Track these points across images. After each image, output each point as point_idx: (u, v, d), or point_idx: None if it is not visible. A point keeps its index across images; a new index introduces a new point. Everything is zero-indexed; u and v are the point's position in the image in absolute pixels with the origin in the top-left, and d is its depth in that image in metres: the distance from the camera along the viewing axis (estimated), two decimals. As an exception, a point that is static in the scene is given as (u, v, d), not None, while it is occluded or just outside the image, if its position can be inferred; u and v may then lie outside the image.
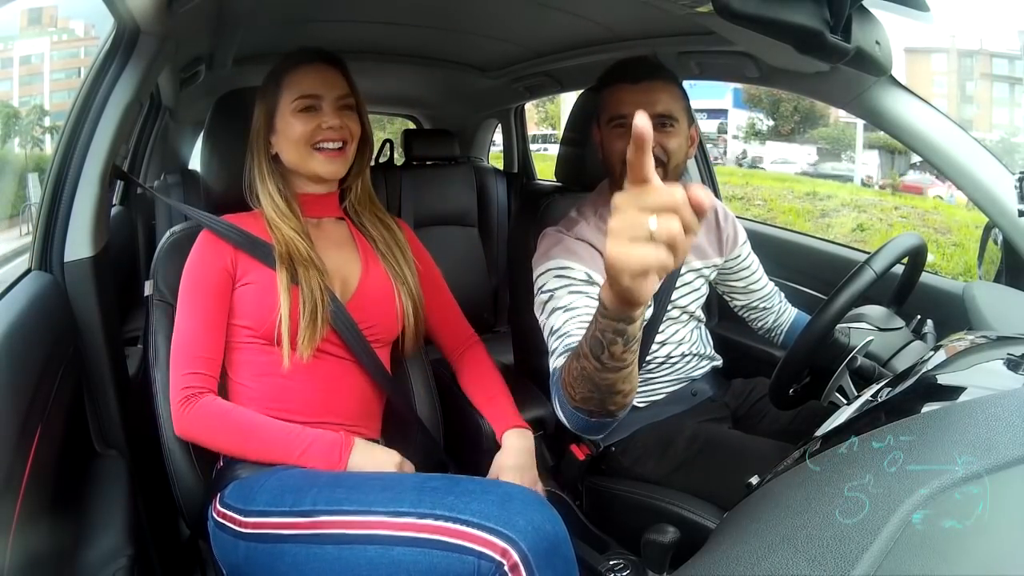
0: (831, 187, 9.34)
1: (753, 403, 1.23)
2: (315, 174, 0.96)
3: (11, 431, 0.65)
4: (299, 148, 0.94)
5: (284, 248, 0.92)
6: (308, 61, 0.95)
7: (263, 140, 0.96)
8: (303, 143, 0.94)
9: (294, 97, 0.94)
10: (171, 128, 2.28)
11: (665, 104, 0.98)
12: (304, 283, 0.90)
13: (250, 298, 0.92)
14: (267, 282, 0.91)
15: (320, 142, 0.94)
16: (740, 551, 0.43)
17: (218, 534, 0.84)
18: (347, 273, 0.98)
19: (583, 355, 0.70)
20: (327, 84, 0.95)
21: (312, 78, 0.95)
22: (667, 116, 0.98)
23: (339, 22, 1.53)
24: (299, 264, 0.92)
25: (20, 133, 2.70)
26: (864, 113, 1.12)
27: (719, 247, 1.21)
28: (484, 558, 0.70)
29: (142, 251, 2.04)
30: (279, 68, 0.96)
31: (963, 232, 6.57)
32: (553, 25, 1.51)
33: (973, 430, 0.45)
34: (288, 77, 0.95)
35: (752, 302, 1.28)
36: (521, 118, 2.59)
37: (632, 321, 0.62)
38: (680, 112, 1.00)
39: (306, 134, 0.93)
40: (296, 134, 0.94)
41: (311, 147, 0.94)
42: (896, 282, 1.11)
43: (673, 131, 0.99)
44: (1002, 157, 1.07)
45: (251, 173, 0.97)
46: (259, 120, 0.96)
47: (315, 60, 0.96)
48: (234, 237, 0.93)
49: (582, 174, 1.27)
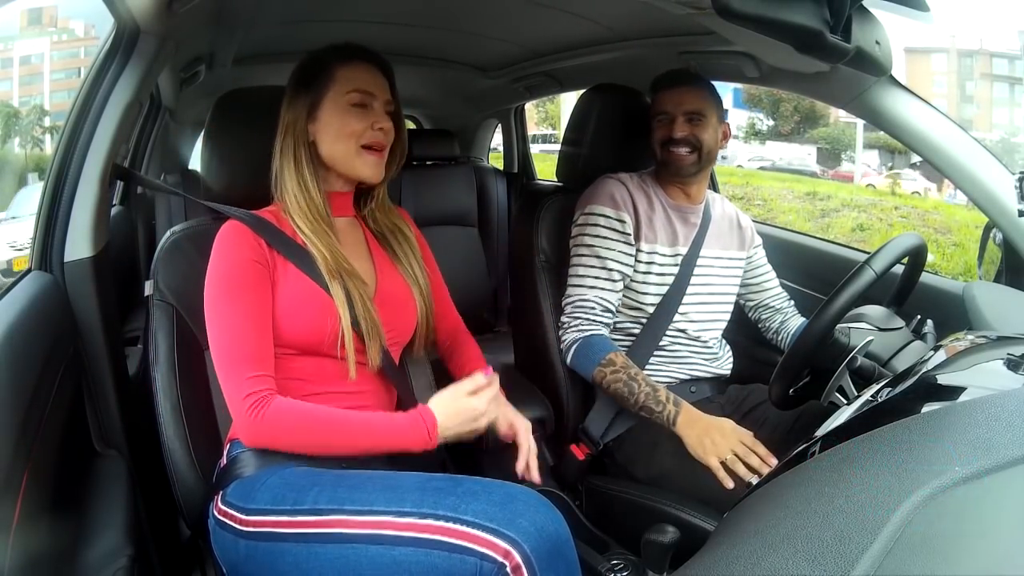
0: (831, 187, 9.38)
1: (750, 409, 1.23)
2: (356, 174, 0.94)
3: (11, 431, 0.65)
4: (347, 144, 0.92)
5: (331, 261, 0.89)
6: (363, 58, 0.94)
7: (301, 127, 0.92)
8: (352, 139, 0.92)
9: (348, 89, 0.91)
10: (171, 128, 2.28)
11: (693, 103, 1.19)
12: (358, 300, 0.89)
13: (291, 306, 0.88)
14: (307, 290, 0.88)
15: (369, 142, 0.92)
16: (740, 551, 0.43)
17: (219, 533, 0.84)
18: (365, 277, 0.96)
19: (626, 392, 1.11)
20: (379, 85, 0.94)
21: (367, 75, 0.93)
22: (696, 112, 1.19)
23: (339, 22, 1.53)
24: (348, 277, 0.89)
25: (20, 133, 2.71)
26: (864, 113, 1.13)
27: (741, 243, 1.31)
28: (486, 559, 0.70)
29: (142, 251, 2.04)
30: (328, 57, 0.93)
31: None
32: (553, 25, 1.51)
33: (973, 430, 0.45)
34: (342, 68, 0.92)
35: (764, 300, 1.36)
36: (521, 118, 2.59)
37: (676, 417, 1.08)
38: (710, 109, 1.20)
39: (358, 131, 0.91)
40: (348, 129, 0.91)
41: (359, 145, 0.92)
42: (896, 282, 1.11)
43: (702, 124, 1.19)
44: (1002, 157, 1.07)
45: (281, 161, 0.92)
46: (299, 106, 0.92)
47: (370, 59, 0.95)
48: (268, 235, 0.89)
49: (583, 174, 1.27)
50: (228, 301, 0.85)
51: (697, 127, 1.19)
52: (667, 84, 1.22)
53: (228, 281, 0.86)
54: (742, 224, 1.32)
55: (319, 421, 0.84)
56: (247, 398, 0.82)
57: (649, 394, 1.09)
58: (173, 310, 0.94)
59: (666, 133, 1.19)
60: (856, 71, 1.01)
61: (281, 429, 0.83)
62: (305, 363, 0.90)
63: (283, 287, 0.88)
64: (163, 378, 0.92)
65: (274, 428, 0.82)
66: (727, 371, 1.28)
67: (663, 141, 1.19)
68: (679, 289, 1.21)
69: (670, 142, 1.18)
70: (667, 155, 1.19)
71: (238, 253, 0.87)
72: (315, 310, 0.87)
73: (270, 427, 0.82)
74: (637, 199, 1.21)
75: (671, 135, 1.18)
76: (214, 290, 0.86)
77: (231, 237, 0.88)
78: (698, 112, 1.18)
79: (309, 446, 0.84)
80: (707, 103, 1.20)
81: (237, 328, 0.84)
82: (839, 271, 1.04)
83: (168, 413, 0.91)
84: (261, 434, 0.83)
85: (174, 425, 0.91)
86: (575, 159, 1.29)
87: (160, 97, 1.86)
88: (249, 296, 0.85)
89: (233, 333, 0.84)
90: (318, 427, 0.84)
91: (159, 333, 0.94)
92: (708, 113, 1.19)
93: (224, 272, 0.86)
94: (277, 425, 0.82)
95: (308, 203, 0.91)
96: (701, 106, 1.19)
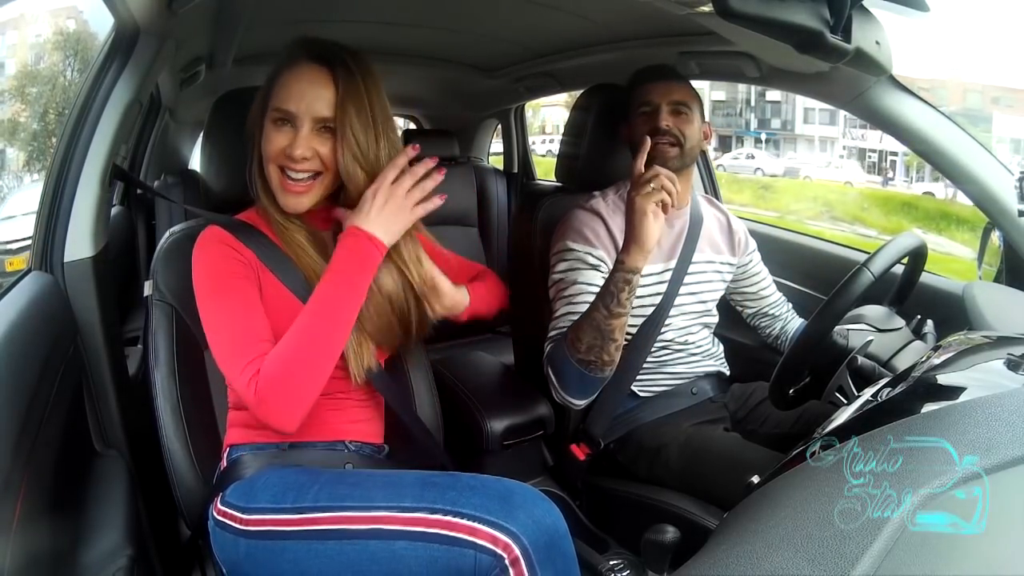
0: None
1: (753, 407, 1.23)
2: (281, 203, 0.85)
3: (11, 431, 0.65)
4: (270, 167, 0.84)
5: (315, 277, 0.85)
6: (306, 58, 0.83)
7: (256, 136, 0.86)
8: (270, 162, 0.83)
9: (275, 104, 0.82)
10: (171, 128, 2.28)
11: (681, 95, 1.16)
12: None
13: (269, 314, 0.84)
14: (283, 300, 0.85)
15: (288, 167, 0.83)
16: (740, 551, 0.43)
17: (219, 533, 0.84)
18: None
19: (594, 308, 1.00)
20: (314, 95, 0.81)
21: (299, 85, 0.82)
22: (682, 103, 1.15)
23: (339, 22, 1.53)
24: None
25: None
26: (864, 113, 1.13)
27: (732, 247, 1.27)
28: (485, 552, 0.70)
29: (142, 251, 2.04)
30: (282, 57, 0.86)
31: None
32: (553, 25, 1.51)
33: (973, 430, 0.45)
34: (281, 74, 0.84)
35: (762, 308, 1.33)
36: (521, 118, 2.59)
37: (637, 272, 0.99)
38: (694, 104, 1.17)
39: (272, 153, 0.82)
40: (267, 149, 0.83)
41: (279, 169, 0.83)
42: (896, 282, 1.11)
43: (687, 117, 1.15)
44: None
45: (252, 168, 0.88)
46: (254, 112, 0.86)
47: (316, 58, 0.83)
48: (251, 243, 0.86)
49: (582, 174, 1.27)
50: (216, 296, 0.83)
51: (681, 120, 1.15)
52: (652, 77, 1.18)
53: (215, 277, 0.83)
54: (733, 228, 1.29)
55: (296, 337, 0.79)
56: (248, 378, 0.78)
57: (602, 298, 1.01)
58: (173, 310, 0.94)
59: (650, 124, 1.13)
60: (856, 71, 1.01)
61: (277, 377, 0.77)
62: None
63: (264, 292, 0.86)
64: (163, 378, 0.91)
65: (272, 382, 0.77)
66: (722, 366, 1.27)
67: (646, 134, 1.10)
68: (666, 305, 1.17)
69: (654, 133, 1.11)
70: (651, 150, 1.08)
71: (217, 253, 0.85)
72: (288, 320, 0.82)
73: (268, 384, 0.77)
74: (613, 226, 1.14)
75: (655, 125, 1.12)
76: (202, 291, 0.84)
77: (208, 242, 0.86)
78: (684, 103, 1.15)
79: (312, 364, 0.78)
80: (692, 97, 1.17)
81: (229, 320, 0.81)
82: (839, 271, 1.04)
83: (168, 413, 0.91)
84: (267, 399, 0.77)
85: (174, 425, 0.91)
86: (574, 159, 1.29)
87: (160, 97, 1.85)
88: (236, 289, 0.83)
89: (226, 326, 0.81)
90: (300, 342, 0.79)
91: (159, 333, 0.94)
92: (693, 107, 1.16)
93: (207, 274, 0.84)
94: (273, 377, 0.77)
95: (278, 213, 0.87)
96: (686, 98, 1.16)
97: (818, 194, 9.18)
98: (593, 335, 1.00)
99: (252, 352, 0.79)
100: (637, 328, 1.15)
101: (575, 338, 1.02)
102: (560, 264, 1.14)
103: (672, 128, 1.13)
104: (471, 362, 1.40)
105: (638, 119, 1.17)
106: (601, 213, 1.16)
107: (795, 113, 10.66)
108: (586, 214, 1.16)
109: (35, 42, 2.25)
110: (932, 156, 1.09)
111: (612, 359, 1.02)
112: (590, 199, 1.19)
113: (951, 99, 8.22)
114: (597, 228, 1.14)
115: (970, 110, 8.29)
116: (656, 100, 1.14)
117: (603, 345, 1.00)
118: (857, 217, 7.87)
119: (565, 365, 1.04)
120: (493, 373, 1.36)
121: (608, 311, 0.99)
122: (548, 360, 1.08)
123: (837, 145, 10.57)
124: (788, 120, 10.92)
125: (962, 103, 8.41)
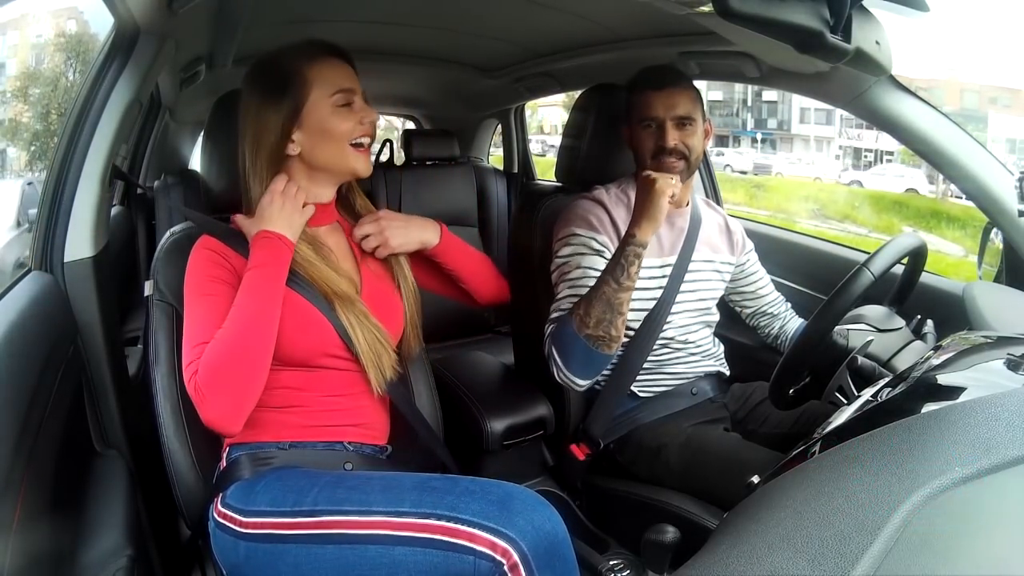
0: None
1: (753, 407, 1.23)
2: (350, 169, 0.92)
3: (11, 431, 0.65)
4: (338, 145, 0.90)
5: (327, 288, 0.89)
6: (331, 54, 0.91)
7: (275, 140, 0.88)
8: (344, 140, 0.90)
9: (331, 92, 0.88)
10: (171, 128, 2.28)
11: (685, 107, 1.13)
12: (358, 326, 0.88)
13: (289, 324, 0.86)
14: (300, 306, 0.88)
15: (359, 139, 0.91)
16: (740, 551, 0.43)
17: (218, 534, 0.84)
18: (351, 277, 0.95)
19: (603, 282, 1.03)
20: (353, 77, 0.91)
21: (341, 71, 0.90)
22: (687, 118, 1.13)
23: (339, 22, 1.53)
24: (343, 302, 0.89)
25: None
26: (864, 113, 1.13)
27: (731, 247, 1.28)
28: (484, 558, 0.70)
29: (142, 251, 2.04)
30: (296, 60, 0.89)
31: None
32: (553, 25, 1.51)
33: (973, 430, 0.45)
34: (315, 70, 0.89)
35: (760, 307, 1.33)
36: (521, 118, 2.59)
37: (645, 246, 1.03)
38: (697, 112, 1.15)
39: (347, 131, 0.89)
40: (338, 131, 0.89)
41: (349, 144, 0.90)
42: (896, 282, 1.11)
43: (692, 130, 1.14)
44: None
45: (254, 182, 0.89)
46: (271, 118, 0.88)
47: (337, 53, 0.92)
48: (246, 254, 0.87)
49: (582, 174, 1.27)
50: (191, 300, 0.86)
51: (686, 133, 1.13)
52: (654, 85, 1.14)
53: (192, 284, 0.87)
54: (731, 228, 1.29)
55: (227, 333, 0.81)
56: (189, 376, 0.80)
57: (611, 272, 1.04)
58: (173, 310, 0.94)
59: (656, 143, 1.12)
60: (856, 71, 1.01)
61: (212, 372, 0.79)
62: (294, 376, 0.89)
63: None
64: (163, 378, 0.92)
65: (207, 378, 0.79)
66: (722, 366, 1.27)
67: (653, 152, 1.12)
68: (667, 302, 1.17)
69: (661, 152, 1.11)
70: (657, 166, 1.11)
71: (204, 259, 0.87)
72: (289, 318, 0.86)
73: (204, 380, 0.79)
74: (616, 216, 1.16)
75: (662, 145, 1.11)
76: (185, 295, 0.87)
77: (198, 248, 0.89)
78: (688, 117, 1.13)
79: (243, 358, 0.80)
80: (695, 105, 1.15)
81: (191, 321, 0.84)
82: (839, 271, 1.04)
83: (168, 413, 0.91)
84: (206, 395, 0.79)
85: (174, 425, 0.91)
86: (574, 159, 1.29)
87: (160, 97, 1.85)
88: (210, 292, 0.85)
89: (189, 326, 0.84)
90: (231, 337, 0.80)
91: (159, 333, 0.94)
92: (696, 116, 1.14)
93: (189, 278, 0.87)
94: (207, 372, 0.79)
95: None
96: (690, 109, 1.13)
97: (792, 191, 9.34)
98: (603, 308, 1.02)
99: (198, 352, 0.81)
100: (639, 324, 1.15)
101: (584, 313, 1.03)
102: (564, 249, 1.15)
103: (678, 145, 1.12)
104: (471, 362, 1.40)
105: (642, 132, 1.15)
106: (604, 203, 1.18)
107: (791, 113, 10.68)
108: (590, 203, 1.18)
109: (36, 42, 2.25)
110: (932, 156, 1.09)
111: (619, 334, 1.04)
112: (594, 190, 1.21)
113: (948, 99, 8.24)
114: (601, 216, 1.16)
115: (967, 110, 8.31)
116: (660, 115, 1.12)
117: (612, 319, 1.02)
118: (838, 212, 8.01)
119: (572, 342, 1.05)
120: (493, 373, 1.36)
121: (618, 284, 1.02)
122: (552, 338, 1.08)
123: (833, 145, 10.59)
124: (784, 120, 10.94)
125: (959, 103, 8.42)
